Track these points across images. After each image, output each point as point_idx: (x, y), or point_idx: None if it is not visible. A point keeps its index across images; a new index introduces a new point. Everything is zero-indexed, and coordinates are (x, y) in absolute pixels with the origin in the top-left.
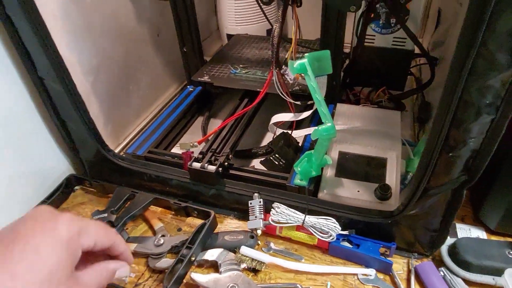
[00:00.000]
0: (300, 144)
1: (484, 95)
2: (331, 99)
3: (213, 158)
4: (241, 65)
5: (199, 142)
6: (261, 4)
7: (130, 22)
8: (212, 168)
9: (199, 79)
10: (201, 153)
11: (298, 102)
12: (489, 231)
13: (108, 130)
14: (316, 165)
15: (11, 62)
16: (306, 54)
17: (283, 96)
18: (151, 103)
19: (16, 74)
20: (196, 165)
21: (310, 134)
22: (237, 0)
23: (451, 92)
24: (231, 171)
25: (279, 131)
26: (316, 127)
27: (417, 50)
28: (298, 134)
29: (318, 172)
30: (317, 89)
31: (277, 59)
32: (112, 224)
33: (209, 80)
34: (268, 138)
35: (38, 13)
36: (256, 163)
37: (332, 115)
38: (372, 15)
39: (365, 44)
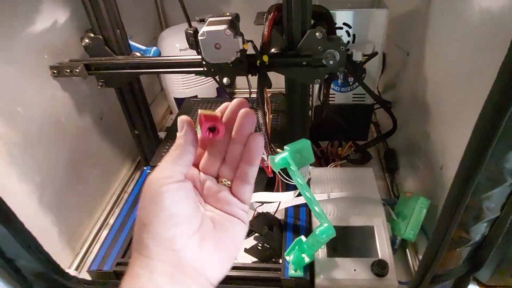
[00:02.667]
0: (281, 220)
1: (489, 201)
2: None
3: None
4: None
5: None
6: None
7: (71, 117)
8: None
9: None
10: None
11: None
12: (481, 285)
13: (63, 242)
14: (309, 252)
15: None
16: (285, 147)
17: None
18: (104, 195)
19: None
20: None
21: (291, 207)
22: None
23: (456, 200)
24: None
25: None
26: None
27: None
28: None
29: (312, 258)
30: (305, 185)
31: (271, 146)
32: None
33: None
34: None
35: None
36: None
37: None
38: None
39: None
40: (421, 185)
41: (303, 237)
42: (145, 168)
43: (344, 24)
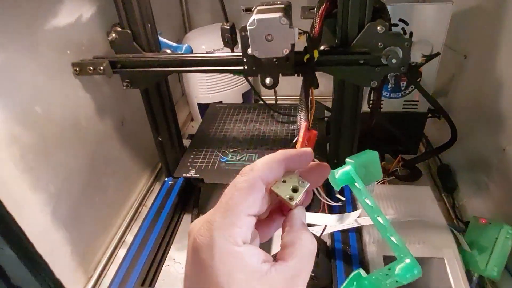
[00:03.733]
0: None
1: None
2: None
3: None
4: (230, 149)
5: None
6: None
7: (91, 120)
8: None
9: (185, 175)
10: None
11: (339, 203)
12: None
13: (75, 262)
14: None
15: None
16: (348, 160)
17: (324, 200)
18: (122, 208)
19: None
20: None
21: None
22: None
23: None
24: None
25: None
26: (396, 270)
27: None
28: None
29: None
30: (376, 207)
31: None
32: None
33: (198, 175)
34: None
35: None
36: None
37: (350, 201)
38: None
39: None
40: (496, 209)
41: (362, 271)
42: (166, 179)
43: (400, 20)
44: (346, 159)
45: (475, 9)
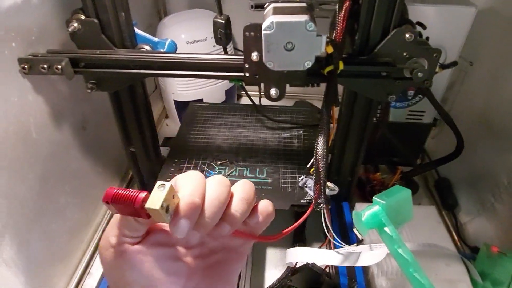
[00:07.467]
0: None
1: None
2: (345, 196)
3: None
4: (217, 162)
5: None
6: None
7: (45, 129)
8: None
9: None
10: None
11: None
12: None
13: None
14: None
15: None
16: (376, 199)
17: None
18: (84, 231)
19: None
20: None
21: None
22: None
23: None
24: None
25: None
26: None
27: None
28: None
29: None
30: (413, 259)
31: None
32: None
33: None
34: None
35: None
36: None
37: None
38: None
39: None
40: (505, 235)
41: None
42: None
43: (418, 23)
44: (374, 198)
45: (483, 13)
